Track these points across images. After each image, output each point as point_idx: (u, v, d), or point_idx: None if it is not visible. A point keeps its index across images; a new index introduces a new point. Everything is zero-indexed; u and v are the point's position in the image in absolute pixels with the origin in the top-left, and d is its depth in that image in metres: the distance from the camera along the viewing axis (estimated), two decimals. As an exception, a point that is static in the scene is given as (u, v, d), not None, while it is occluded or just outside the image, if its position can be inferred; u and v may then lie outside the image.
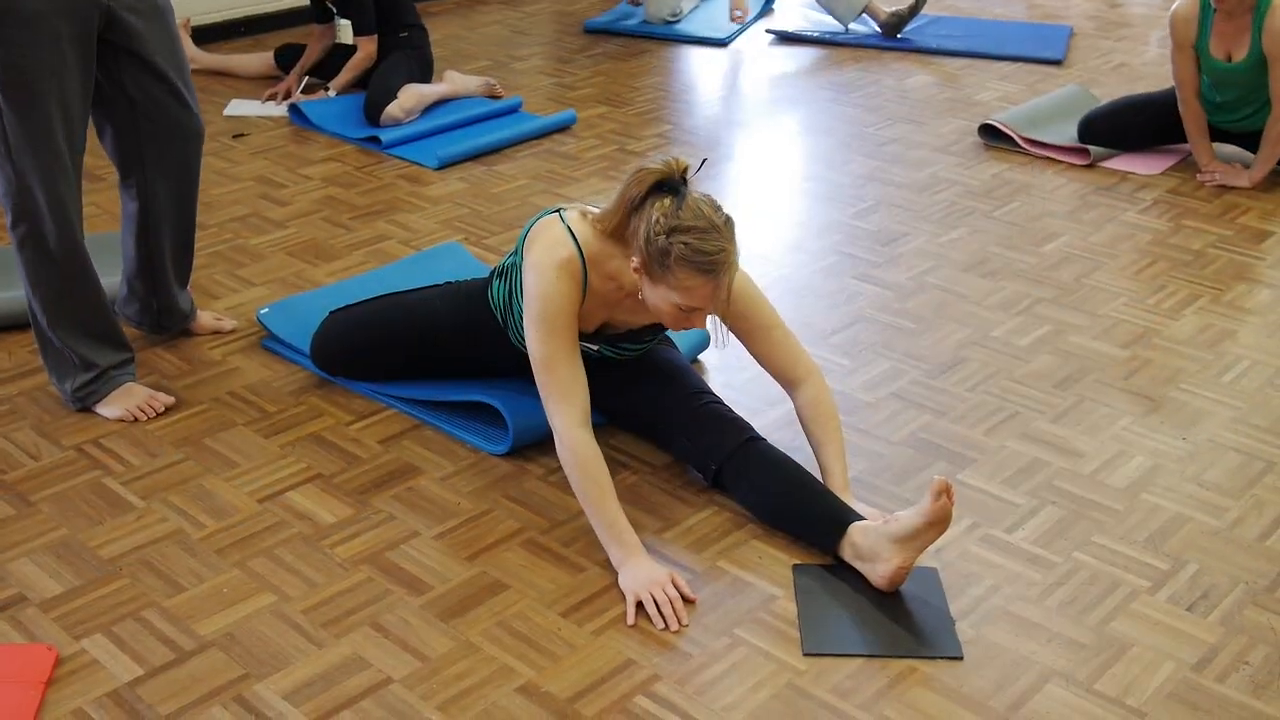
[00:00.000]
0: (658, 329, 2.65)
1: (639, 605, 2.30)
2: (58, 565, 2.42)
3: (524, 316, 2.49)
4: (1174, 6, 4.09)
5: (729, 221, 2.37)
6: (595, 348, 2.62)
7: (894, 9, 5.68)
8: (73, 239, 2.74)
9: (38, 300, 2.80)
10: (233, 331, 3.24)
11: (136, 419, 2.86)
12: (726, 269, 2.36)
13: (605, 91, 5.10)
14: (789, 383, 2.64)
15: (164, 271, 3.05)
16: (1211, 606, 2.33)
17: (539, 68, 5.41)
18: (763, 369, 2.67)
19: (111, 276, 3.18)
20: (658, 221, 2.33)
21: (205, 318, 3.24)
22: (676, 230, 2.32)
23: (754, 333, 2.62)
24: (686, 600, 2.33)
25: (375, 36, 4.81)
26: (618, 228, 2.45)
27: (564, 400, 2.43)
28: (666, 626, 2.26)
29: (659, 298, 2.41)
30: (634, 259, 2.41)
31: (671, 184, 2.37)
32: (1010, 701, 2.11)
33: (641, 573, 2.33)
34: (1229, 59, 4.01)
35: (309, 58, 4.98)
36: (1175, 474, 2.71)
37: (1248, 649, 2.23)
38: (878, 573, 2.32)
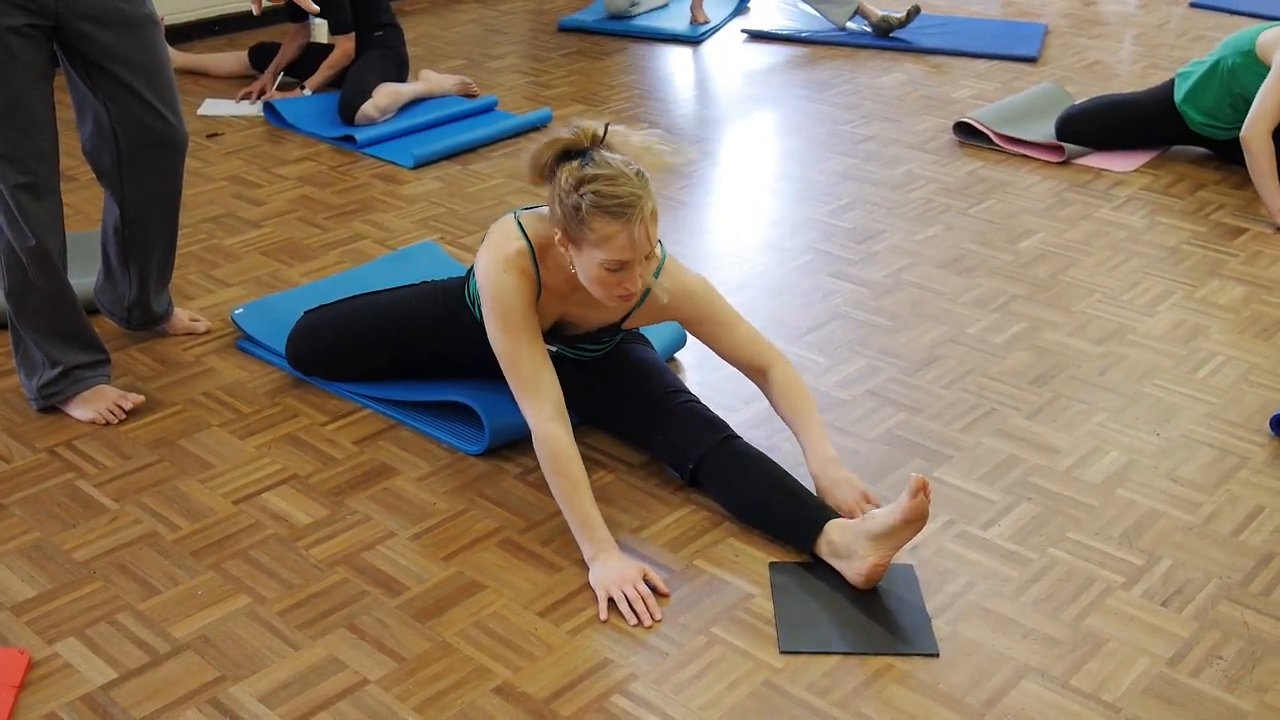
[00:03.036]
0: (615, 329, 2.65)
1: (611, 601, 2.30)
2: (30, 569, 2.40)
3: (483, 315, 2.48)
4: None
5: (641, 173, 2.32)
6: (554, 348, 2.61)
7: (885, 13, 5.68)
8: (37, 240, 2.70)
9: (2, 291, 2.78)
10: (207, 332, 3.23)
11: (108, 422, 2.84)
12: (639, 212, 2.28)
13: (581, 90, 5.09)
14: (757, 371, 2.65)
15: (144, 272, 3.03)
16: (1185, 602, 2.34)
17: (514, 66, 5.39)
18: (733, 367, 2.68)
19: (87, 277, 3.16)
20: (565, 180, 2.32)
21: (180, 318, 3.22)
22: (583, 181, 2.29)
23: (718, 334, 2.63)
24: (659, 595, 2.33)
25: (352, 35, 4.79)
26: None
27: (531, 393, 2.43)
28: (640, 622, 2.26)
29: (586, 264, 2.34)
30: (557, 233, 2.37)
31: (579, 150, 2.35)
32: (986, 697, 2.11)
33: (612, 569, 2.33)
34: None
35: (284, 56, 4.96)
36: (1149, 470, 2.72)
37: (1221, 644, 2.24)
38: (854, 570, 2.32)
